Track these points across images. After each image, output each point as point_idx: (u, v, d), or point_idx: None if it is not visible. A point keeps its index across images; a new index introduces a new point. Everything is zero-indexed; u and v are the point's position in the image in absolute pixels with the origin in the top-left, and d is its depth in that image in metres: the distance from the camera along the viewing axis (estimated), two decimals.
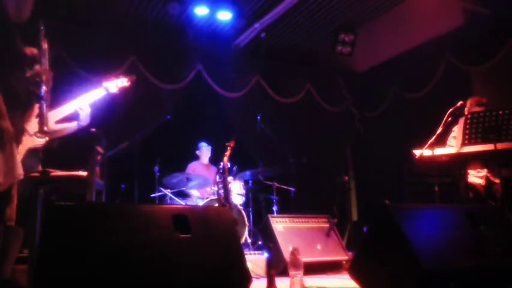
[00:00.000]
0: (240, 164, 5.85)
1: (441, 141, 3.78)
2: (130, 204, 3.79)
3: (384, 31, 6.65)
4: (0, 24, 2.21)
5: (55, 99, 2.88)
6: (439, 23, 6.13)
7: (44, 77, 2.41)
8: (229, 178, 5.33)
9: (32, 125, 2.78)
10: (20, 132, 2.52)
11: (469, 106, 4.13)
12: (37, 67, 2.42)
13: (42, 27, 2.47)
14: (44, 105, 2.38)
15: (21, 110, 2.47)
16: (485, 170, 4.05)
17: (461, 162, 3.60)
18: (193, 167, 6.24)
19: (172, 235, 1.96)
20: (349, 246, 5.14)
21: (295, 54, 7.48)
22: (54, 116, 3.00)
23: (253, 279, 2.12)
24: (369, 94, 7.73)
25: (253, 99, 7.02)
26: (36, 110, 2.83)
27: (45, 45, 2.47)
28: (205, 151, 6.35)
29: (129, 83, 3.44)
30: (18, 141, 2.52)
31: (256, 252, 4.97)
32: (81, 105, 3.09)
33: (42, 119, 2.37)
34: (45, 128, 2.38)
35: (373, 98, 7.62)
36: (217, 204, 5.13)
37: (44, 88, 2.40)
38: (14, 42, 2.27)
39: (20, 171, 2.26)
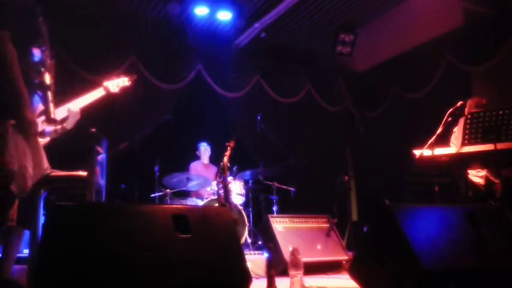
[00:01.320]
0: (240, 164, 5.85)
1: (441, 141, 3.78)
2: (130, 204, 3.79)
3: (383, 31, 6.65)
4: (6, 6, 2.17)
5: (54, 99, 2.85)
6: (439, 23, 6.13)
7: (47, 65, 2.38)
8: (229, 178, 5.33)
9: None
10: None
11: (468, 107, 4.13)
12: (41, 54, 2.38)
13: (40, 13, 2.43)
14: (49, 94, 2.34)
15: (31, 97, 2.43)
16: (485, 170, 4.05)
17: (461, 162, 3.60)
18: (194, 167, 6.25)
19: (172, 235, 1.96)
20: (349, 246, 5.14)
21: (295, 54, 7.48)
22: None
23: (253, 279, 2.12)
24: (369, 94, 7.73)
25: (253, 99, 7.02)
26: (39, 109, 2.82)
27: (45, 31, 2.43)
28: (203, 151, 6.36)
29: (130, 82, 3.38)
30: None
31: (256, 252, 4.97)
32: (72, 109, 3.00)
33: (48, 108, 2.33)
34: (53, 116, 2.33)
35: (373, 98, 7.62)
36: (217, 204, 5.13)
37: (48, 76, 2.36)
38: (24, 25, 2.24)
39: (46, 165, 2.24)
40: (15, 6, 2.23)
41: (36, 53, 2.42)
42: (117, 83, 3.29)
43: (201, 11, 6.02)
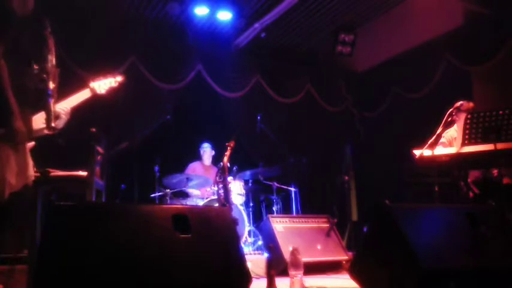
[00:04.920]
0: (240, 164, 5.85)
1: (439, 142, 3.79)
2: (130, 204, 3.78)
3: (384, 31, 6.65)
4: (6, 18, 2.20)
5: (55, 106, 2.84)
6: (439, 23, 6.13)
7: (50, 74, 2.40)
8: (229, 178, 5.32)
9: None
10: (31, 131, 2.51)
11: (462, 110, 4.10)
12: (44, 64, 2.41)
13: (48, 24, 2.46)
14: (52, 102, 2.36)
15: (31, 108, 2.46)
16: (485, 169, 4.05)
17: (461, 162, 3.60)
18: (193, 167, 6.24)
19: (172, 235, 1.96)
20: (349, 246, 5.14)
21: (295, 54, 7.48)
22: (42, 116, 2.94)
23: (253, 279, 2.12)
24: (369, 94, 7.73)
25: (253, 99, 7.02)
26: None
27: (51, 42, 2.45)
28: (203, 152, 6.34)
29: (117, 83, 3.26)
30: (31, 140, 2.50)
31: (256, 252, 4.97)
32: (65, 110, 2.92)
33: (49, 116, 2.35)
34: (53, 124, 2.36)
35: (373, 98, 7.62)
36: (217, 204, 5.13)
37: (51, 85, 2.38)
38: (21, 37, 2.27)
39: (31, 172, 2.26)
40: (18, 20, 2.25)
41: (38, 64, 2.43)
42: (104, 84, 3.18)
43: (201, 11, 6.02)
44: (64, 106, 2.95)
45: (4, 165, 2.10)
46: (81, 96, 3.07)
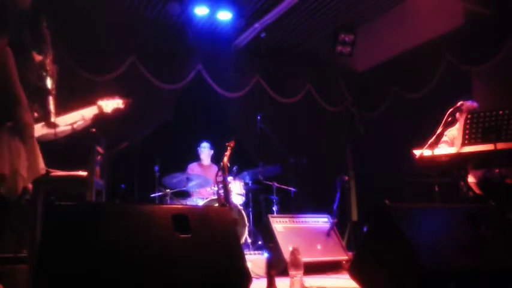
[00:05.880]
0: (240, 164, 5.85)
1: (441, 141, 3.79)
2: (130, 204, 3.78)
3: (384, 31, 6.65)
4: (9, 10, 2.21)
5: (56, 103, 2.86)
6: (439, 23, 6.13)
7: (48, 70, 2.41)
8: (229, 178, 5.32)
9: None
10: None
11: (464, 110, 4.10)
12: (42, 60, 2.42)
13: (44, 19, 2.47)
14: (51, 98, 2.38)
15: (33, 102, 2.47)
16: (485, 170, 4.05)
17: (461, 162, 3.60)
18: (191, 168, 6.23)
19: (172, 235, 1.96)
20: (349, 246, 5.14)
21: (295, 54, 7.47)
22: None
23: (253, 279, 2.12)
24: (369, 94, 7.73)
25: (253, 99, 7.02)
26: None
27: (48, 38, 2.47)
28: (200, 152, 6.34)
29: (123, 105, 3.42)
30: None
31: (256, 252, 4.97)
32: (87, 116, 3.09)
33: (49, 112, 2.37)
34: (53, 119, 2.38)
35: (373, 98, 7.63)
36: (217, 204, 5.13)
37: (49, 80, 2.40)
38: (22, 30, 2.27)
39: (42, 165, 2.27)
40: (19, 12, 2.26)
41: (37, 59, 2.44)
42: (111, 104, 3.33)
43: (201, 11, 6.02)
44: (88, 113, 3.11)
45: (16, 158, 2.10)
46: (88, 112, 3.19)
